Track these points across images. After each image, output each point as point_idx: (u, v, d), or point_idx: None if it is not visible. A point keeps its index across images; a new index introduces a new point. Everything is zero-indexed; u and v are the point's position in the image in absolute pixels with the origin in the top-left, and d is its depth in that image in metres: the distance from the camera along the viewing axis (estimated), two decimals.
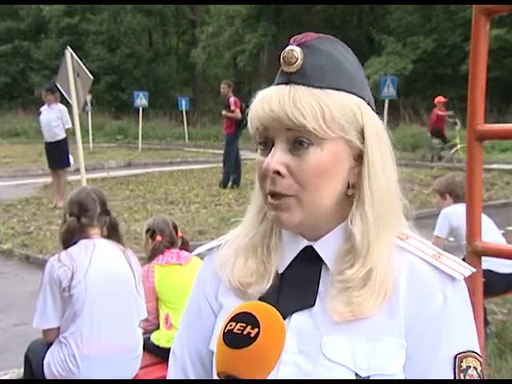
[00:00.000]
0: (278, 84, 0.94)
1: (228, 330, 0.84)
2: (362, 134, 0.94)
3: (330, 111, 0.90)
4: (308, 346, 0.93)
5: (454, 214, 4.09)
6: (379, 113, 0.99)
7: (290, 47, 0.93)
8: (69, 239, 2.79)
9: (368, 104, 0.96)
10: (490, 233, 3.97)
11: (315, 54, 0.93)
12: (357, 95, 0.94)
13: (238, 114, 10.53)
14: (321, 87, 0.91)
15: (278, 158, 0.91)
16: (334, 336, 0.92)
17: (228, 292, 1.03)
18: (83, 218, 2.80)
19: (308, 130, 0.90)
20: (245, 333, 0.83)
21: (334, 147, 0.92)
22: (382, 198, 0.95)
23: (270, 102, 0.91)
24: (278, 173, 0.91)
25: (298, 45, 0.93)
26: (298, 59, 0.92)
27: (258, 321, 0.84)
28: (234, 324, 0.84)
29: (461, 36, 20.40)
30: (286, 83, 0.92)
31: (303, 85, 0.91)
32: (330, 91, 0.91)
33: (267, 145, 0.94)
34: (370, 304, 0.92)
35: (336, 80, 0.93)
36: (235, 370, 0.83)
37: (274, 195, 0.93)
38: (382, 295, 0.92)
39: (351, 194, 0.96)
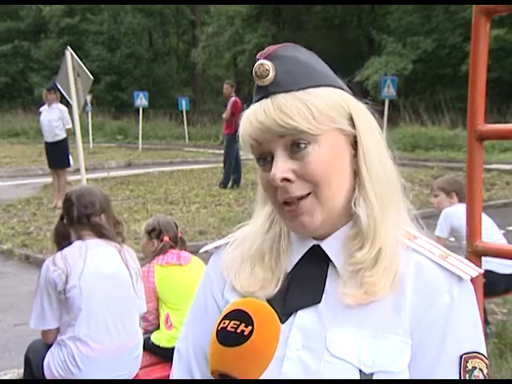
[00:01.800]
0: (258, 100, 0.96)
1: (221, 328, 0.84)
2: (352, 121, 0.96)
3: (316, 107, 0.92)
4: (312, 342, 0.93)
5: (455, 213, 4.07)
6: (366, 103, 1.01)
7: (259, 62, 0.95)
8: (60, 241, 2.80)
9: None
10: (491, 233, 3.97)
11: (284, 62, 0.95)
12: (335, 87, 0.97)
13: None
14: (300, 88, 0.93)
15: (282, 166, 0.92)
16: (339, 332, 0.93)
17: (234, 291, 1.03)
18: None
19: (301, 131, 0.91)
20: (238, 331, 0.82)
21: (330, 140, 0.94)
22: (381, 177, 0.97)
23: (256, 115, 0.93)
24: (286, 180, 0.92)
25: (265, 58, 0.95)
26: (270, 71, 0.94)
27: (251, 319, 0.83)
28: (227, 322, 0.84)
29: (461, 36, 20.38)
30: (266, 96, 0.94)
31: (283, 92, 0.93)
32: (310, 90, 0.94)
33: (266, 160, 0.96)
34: (381, 284, 0.93)
35: (311, 79, 0.95)
36: (229, 368, 0.83)
37: (290, 202, 0.94)
38: (392, 275, 0.93)
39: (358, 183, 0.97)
